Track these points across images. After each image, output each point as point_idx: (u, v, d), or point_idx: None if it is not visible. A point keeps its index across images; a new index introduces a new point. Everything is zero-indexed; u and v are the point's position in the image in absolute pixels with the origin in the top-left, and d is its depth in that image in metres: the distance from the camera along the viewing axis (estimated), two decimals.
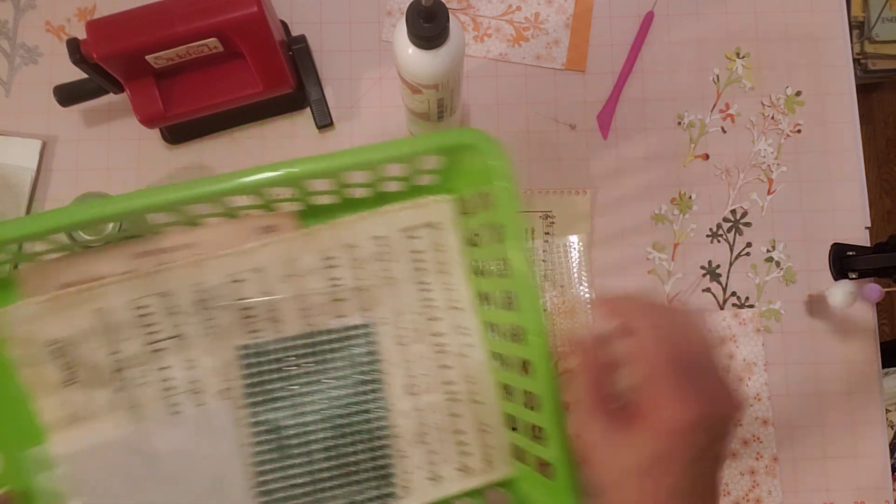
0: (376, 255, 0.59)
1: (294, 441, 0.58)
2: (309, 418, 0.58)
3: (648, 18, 0.70)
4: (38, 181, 0.67)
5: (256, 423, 0.58)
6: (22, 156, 0.66)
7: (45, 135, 0.67)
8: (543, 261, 0.64)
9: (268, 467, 0.58)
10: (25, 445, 0.56)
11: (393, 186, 0.60)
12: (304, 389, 0.58)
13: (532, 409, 0.52)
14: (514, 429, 0.58)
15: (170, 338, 0.57)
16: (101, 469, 0.56)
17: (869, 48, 1.35)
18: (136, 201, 0.48)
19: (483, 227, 0.56)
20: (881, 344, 0.67)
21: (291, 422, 0.58)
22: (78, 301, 0.56)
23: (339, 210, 0.60)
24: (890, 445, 0.69)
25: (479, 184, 0.52)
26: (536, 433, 0.53)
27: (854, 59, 1.20)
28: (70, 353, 0.56)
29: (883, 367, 0.67)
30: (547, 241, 0.61)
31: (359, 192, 0.60)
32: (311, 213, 0.60)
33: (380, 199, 0.60)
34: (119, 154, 0.68)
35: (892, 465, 0.69)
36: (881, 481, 0.65)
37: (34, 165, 0.66)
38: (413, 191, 0.60)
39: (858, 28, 1.35)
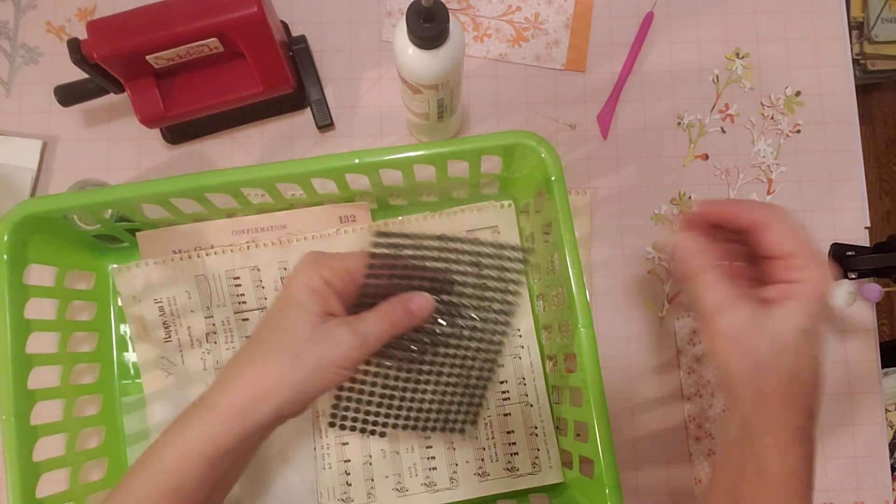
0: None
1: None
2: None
3: (648, 19, 0.70)
4: (38, 181, 0.67)
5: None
6: (22, 156, 0.66)
7: (46, 135, 0.68)
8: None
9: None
10: (122, 389, 0.63)
11: (457, 193, 0.65)
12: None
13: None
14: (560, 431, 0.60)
15: (255, 309, 0.63)
16: None
17: (868, 49, 1.35)
18: (243, 174, 0.54)
19: (537, 228, 0.59)
20: (881, 344, 0.67)
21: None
22: (184, 266, 0.62)
23: (408, 210, 0.65)
24: (890, 445, 0.69)
25: (534, 188, 0.57)
26: (579, 433, 0.55)
27: (853, 60, 1.20)
28: (172, 313, 0.62)
29: (882, 367, 0.67)
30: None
31: (425, 197, 0.65)
32: (385, 212, 0.66)
33: (444, 204, 0.65)
34: (119, 154, 0.68)
35: (892, 466, 0.69)
36: (881, 481, 0.65)
37: (35, 165, 0.66)
38: (475, 198, 0.65)
39: (858, 28, 1.34)
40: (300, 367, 0.41)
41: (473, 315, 0.50)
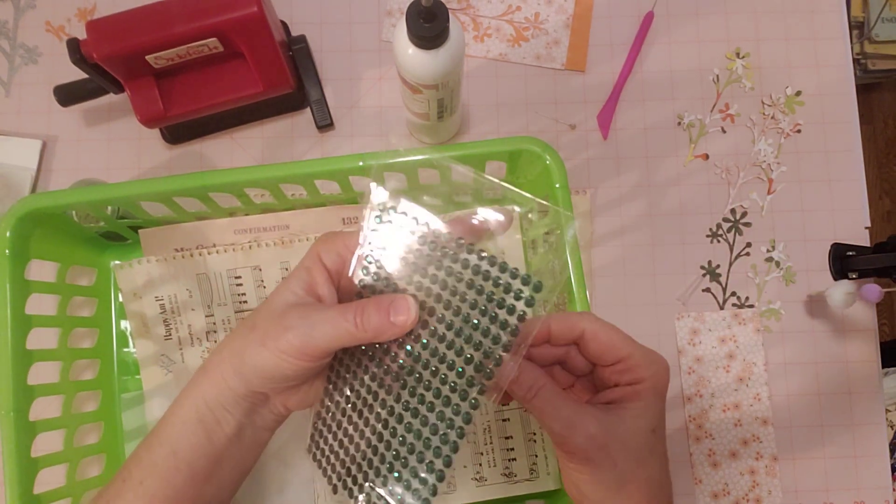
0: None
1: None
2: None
3: (648, 18, 0.70)
4: (38, 181, 0.67)
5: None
6: (22, 156, 0.66)
7: (46, 135, 0.68)
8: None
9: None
10: (121, 385, 0.64)
11: (459, 197, 0.64)
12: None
13: None
14: None
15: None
16: None
17: (869, 48, 1.35)
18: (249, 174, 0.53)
19: (540, 234, 0.59)
20: (881, 344, 0.67)
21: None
22: (186, 265, 0.62)
23: None
24: (890, 445, 0.69)
25: (538, 193, 0.55)
26: None
27: (854, 59, 1.20)
28: (173, 311, 0.62)
29: (883, 367, 0.67)
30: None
31: (427, 200, 0.63)
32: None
33: (447, 207, 0.64)
34: (119, 154, 0.68)
35: (893, 466, 0.69)
36: (881, 481, 0.65)
37: (34, 165, 0.66)
38: (478, 202, 0.64)
39: (858, 28, 1.34)
40: (252, 339, 0.39)
41: (446, 354, 0.37)
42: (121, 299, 0.63)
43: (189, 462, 0.40)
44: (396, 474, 0.38)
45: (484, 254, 0.37)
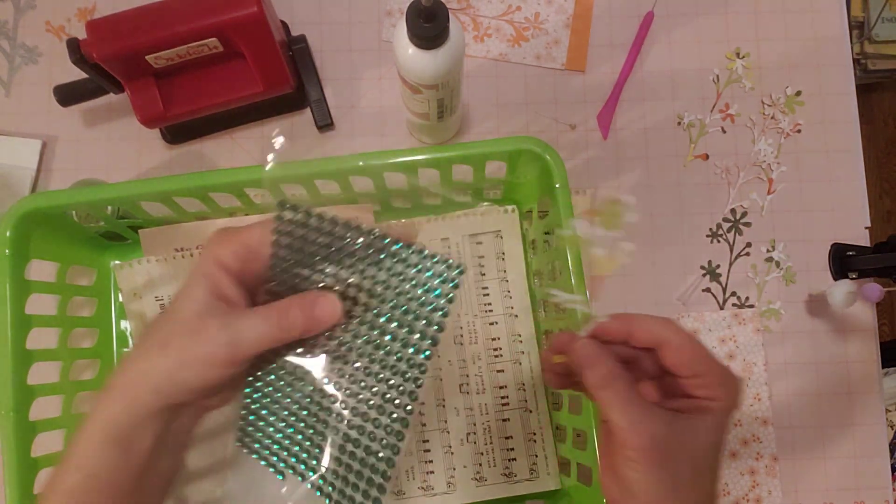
0: None
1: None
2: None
3: (648, 18, 0.70)
4: (38, 181, 0.67)
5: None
6: (22, 156, 0.66)
7: (45, 135, 0.68)
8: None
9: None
10: None
11: (460, 196, 0.64)
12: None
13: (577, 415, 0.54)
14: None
15: None
16: None
17: (869, 48, 1.35)
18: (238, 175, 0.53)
19: (539, 234, 0.60)
20: (881, 344, 0.67)
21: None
22: (186, 264, 0.62)
23: (411, 213, 0.65)
24: (890, 445, 0.69)
25: (538, 193, 0.57)
26: (578, 443, 0.55)
27: (854, 59, 1.20)
28: None
29: (883, 367, 0.67)
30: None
31: (428, 200, 0.64)
32: (388, 214, 0.65)
33: (448, 207, 0.65)
34: (119, 154, 0.68)
35: (892, 466, 0.69)
36: (881, 481, 0.65)
37: (34, 165, 0.66)
38: (479, 202, 0.64)
39: (858, 28, 1.34)
40: (166, 356, 0.37)
41: (378, 341, 0.37)
42: (121, 299, 0.63)
43: (109, 482, 0.38)
44: (347, 457, 0.39)
45: (399, 242, 0.37)
